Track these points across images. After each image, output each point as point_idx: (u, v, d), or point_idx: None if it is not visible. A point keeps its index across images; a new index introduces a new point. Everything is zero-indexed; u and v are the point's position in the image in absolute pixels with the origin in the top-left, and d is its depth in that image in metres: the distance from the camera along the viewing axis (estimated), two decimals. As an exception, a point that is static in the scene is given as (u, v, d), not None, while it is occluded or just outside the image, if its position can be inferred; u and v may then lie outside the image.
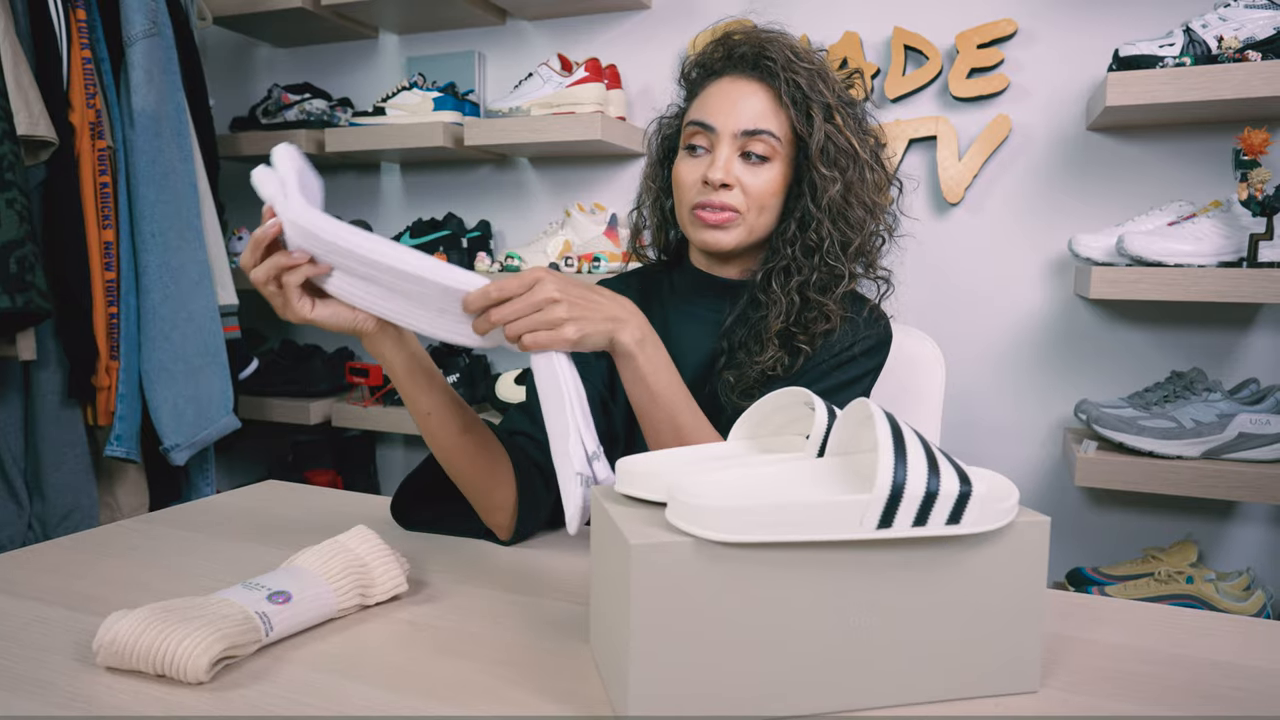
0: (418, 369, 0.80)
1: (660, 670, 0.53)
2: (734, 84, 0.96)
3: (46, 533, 1.66)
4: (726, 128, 0.94)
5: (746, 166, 0.95)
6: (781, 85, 0.93)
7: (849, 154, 0.95)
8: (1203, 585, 1.54)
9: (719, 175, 0.93)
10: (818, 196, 0.95)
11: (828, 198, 0.94)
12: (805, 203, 0.96)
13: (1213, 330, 1.71)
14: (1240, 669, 0.63)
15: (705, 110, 0.97)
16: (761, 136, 0.94)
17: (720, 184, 0.94)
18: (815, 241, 0.96)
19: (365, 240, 0.69)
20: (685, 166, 0.98)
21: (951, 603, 0.57)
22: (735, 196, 0.95)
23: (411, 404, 0.81)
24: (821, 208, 0.95)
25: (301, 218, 0.69)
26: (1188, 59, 1.48)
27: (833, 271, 0.96)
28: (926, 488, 0.54)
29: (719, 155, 0.95)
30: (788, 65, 0.94)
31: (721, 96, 0.96)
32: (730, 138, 0.94)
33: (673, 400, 0.83)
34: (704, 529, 0.52)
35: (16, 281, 1.47)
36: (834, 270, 0.96)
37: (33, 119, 1.53)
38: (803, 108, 0.94)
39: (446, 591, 0.75)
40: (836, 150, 0.95)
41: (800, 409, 0.69)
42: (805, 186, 0.96)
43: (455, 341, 0.74)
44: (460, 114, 2.07)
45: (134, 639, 0.58)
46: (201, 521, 0.95)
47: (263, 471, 2.41)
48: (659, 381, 0.82)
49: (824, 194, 0.94)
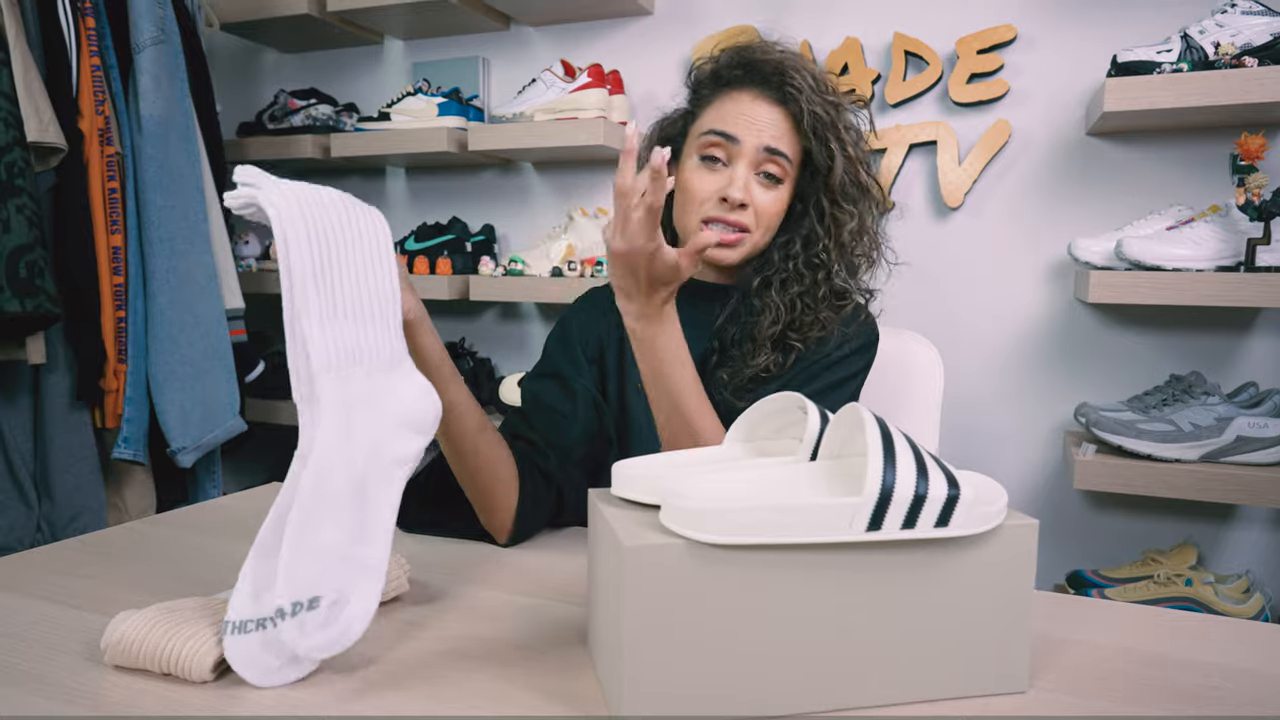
0: (444, 363, 0.79)
1: (655, 670, 0.54)
2: (755, 101, 0.96)
3: (55, 534, 1.68)
4: (749, 142, 0.95)
5: (760, 186, 0.96)
6: (804, 114, 0.94)
7: (861, 186, 0.98)
8: (1202, 588, 1.55)
9: (739, 194, 0.94)
10: (825, 222, 0.97)
11: (844, 231, 0.97)
12: (811, 223, 0.98)
13: (1211, 334, 1.72)
14: (1230, 670, 0.64)
15: (726, 122, 0.96)
16: (778, 158, 0.96)
17: (739, 203, 0.95)
18: (821, 261, 0.98)
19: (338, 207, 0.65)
20: (699, 176, 0.97)
21: (940, 604, 0.58)
22: (748, 215, 0.96)
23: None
24: (832, 235, 0.97)
25: (291, 192, 0.64)
26: (1185, 65, 1.49)
27: (834, 289, 0.99)
28: (915, 491, 0.55)
29: (738, 172, 0.95)
30: (810, 95, 0.94)
31: (742, 111, 0.96)
32: (751, 154, 0.95)
33: (672, 379, 0.85)
34: (696, 531, 0.53)
35: (26, 285, 1.49)
36: (836, 288, 0.99)
37: (42, 125, 1.55)
38: (822, 139, 0.95)
39: (446, 592, 0.76)
40: (851, 183, 0.97)
41: (794, 413, 0.70)
42: (812, 209, 0.98)
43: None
44: (464, 119, 2.09)
45: (141, 638, 0.59)
46: (208, 523, 0.96)
47: (268, 474, 2.44)
48: (656, 358, 0.85)
49: (839, 226, 0.97)
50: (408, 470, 0.66)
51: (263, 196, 0.62)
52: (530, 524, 0.90)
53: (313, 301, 0.62)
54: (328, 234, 0.63)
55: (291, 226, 0.62)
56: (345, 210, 0.66)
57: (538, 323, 2.30)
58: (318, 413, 0.61)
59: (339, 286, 0.63)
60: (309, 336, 0.61)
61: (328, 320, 0.62)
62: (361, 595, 0.60)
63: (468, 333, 2.34)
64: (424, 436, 0.68)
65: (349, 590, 0.60)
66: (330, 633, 0.59)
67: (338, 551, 0.60)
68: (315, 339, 0.61)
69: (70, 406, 1.69)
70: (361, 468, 0.63)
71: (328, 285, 0.63)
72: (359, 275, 0.65)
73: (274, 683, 0.58)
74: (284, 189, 0.63)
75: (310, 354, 0.61)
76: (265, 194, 0.62)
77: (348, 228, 0.65)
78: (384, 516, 0.63)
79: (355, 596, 0.60)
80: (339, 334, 0.63)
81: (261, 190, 0.63)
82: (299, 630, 0.58)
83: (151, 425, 1.77)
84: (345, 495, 0.61)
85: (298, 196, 0.63)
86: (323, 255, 0.63)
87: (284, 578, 0.58)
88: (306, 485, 0.60)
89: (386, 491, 0.64)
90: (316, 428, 0.61)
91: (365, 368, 0.64)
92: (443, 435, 0.83)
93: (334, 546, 0.60)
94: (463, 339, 2.29)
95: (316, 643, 0.58)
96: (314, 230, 0.63)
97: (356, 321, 0.64)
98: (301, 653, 0.58)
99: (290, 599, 0.58)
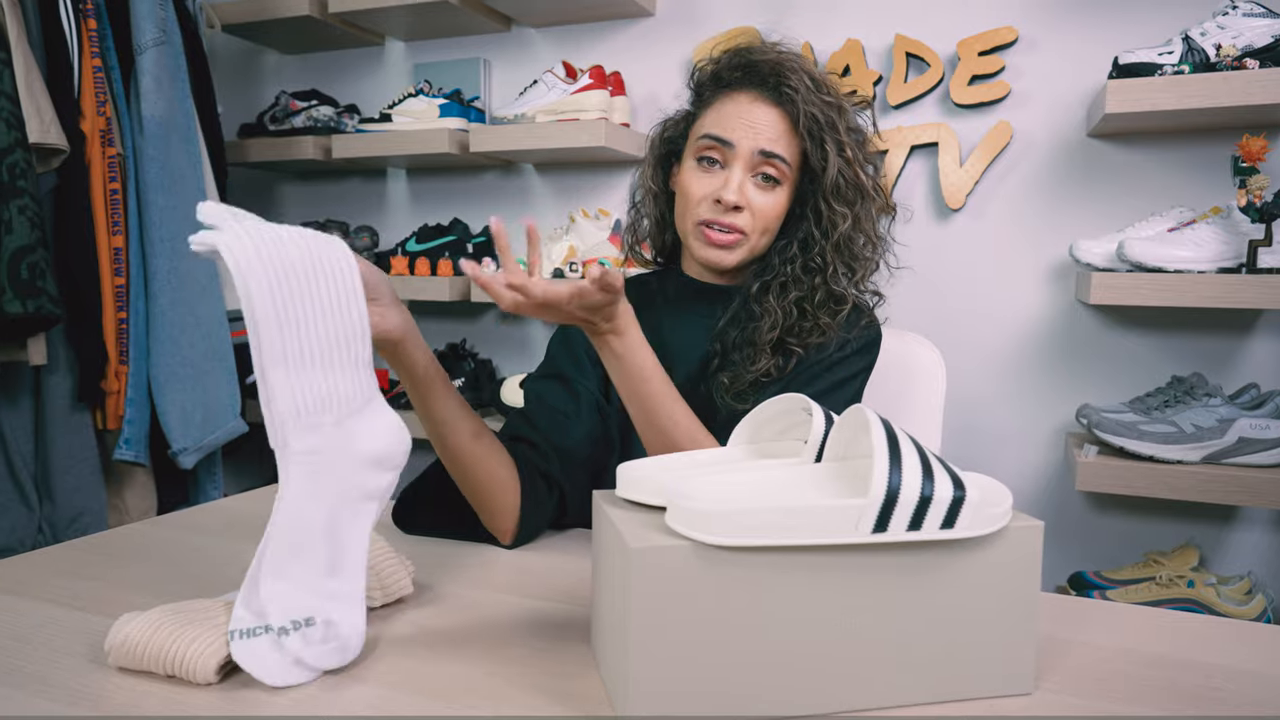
0: (435, 375, 0.79)
1: (660, 671, 0.54)
2: (753, 103, 0.96)
3: (56, 535, 1.68)
4: (744, 146, 0.95)
5: (757, 188, 0.96)
6: (800, 115, 0.94)
7: (858, 188, 0.97)
8: (1204, 589, 1.55)
9: (733, 197, 0.94)
10: (822, 225, 0.97)
11: (838, 233, 0.96)
12: (809, 226, 0.98)
13: (1213, 335, 1.72)
14: (1231, 671, 0.64)
15: (722, 125, 0.96)
16: (775, 161, 0.95)
17: (733, 206, 0.94)
18: (818, 265, 0.97)
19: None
20: (696, 179, 0.97)
21: (946, 605, 0.58)
22: (743, 218, 0.96)
23: (425, 411, 0.81)
24: (828, 238, 0.97)
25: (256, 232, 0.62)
26: (1186, 67, 1.49)
27: (832, 293, 0.98)
28: (921, 492, 0.55)
29: (733, 175, 0.95)
30: (807, 96, 0.94)
31: (740, 114, 0.96)
32: (747, 157, 0.95)
33: (648, 386, 0.85)
34: (702, 533, 0.53)
35: (28, 287, 1.49)
36: (833, 292, 0.98)
37: (44, 127, 1.56)
38: (818, 140, 0.95)
39: (450, 594, 0.76)
40: (847, 185, 0.96)
41: (799, 414, 0.70)
42: (809, 211, 0.98)
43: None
44: (466, 120, 2.09)
45: (145, 640, 0.59)
46: (209, 524, 0.97)
47: (269, 475, 2.43)
48: (632, 363, 0.85)
49: (834, 228, 0.96)
50: (378, 504, 0.67)
51: (222, 243, 0.59)
52: (533, 526, 0.90)
53: (279, 351, 0.61)
54: (290, 279, 0.61)
55: (252, 276, 0.59)
56: (307, 249, 0.63)
57: (539, 324, 2.30)
58: (287, 460, 0.62)
59: (306, 333, 0.62)
60: (276, 387, 0.61)
61: (295, 370, 0.62)
62: (348, 620, 0.62)
63: (469, 334, 2.34)
64: (394, 472, 0.68)
65: (333, 616, 0.61)
66: (331, 646, 0.61)
67: (310, 585, 0.62)
68: (282, 390, 0.61)
69: (71, 408, 1.69)
70: (330, 507, 0.63)
71: (294, 333, 0.61)
72: (326, 318, 0.63)
73: (283, 681, 0.59)
74: (242, 233, 0.60)
75: (279, 406, 0.61)
76: (225, 239, 0.60)
77: (312, 269, 0.62)
78: (355, 550, 0.64)
79: (342, 621, 0.62)
80: (307, 384, 0.62)
81: (222, 235, 0.60)
82: (303, 641, 0.60)
83: (153, 426, 1.77)
84: (317, 535, 0.63)
85: (255, 242, 0.60)
86: (286, 303, 0.61)
87: (272, 604, 0.60)
88: (278, 530, 0.61)
89: (356, 525, 0.65)
90: (287, 475, 0.62)
91: (334, 415, 0.64)
92: (439, 447, 0.83)
93: (307, 580, 0.62)
94: (464, 340, 2.29)
95: (321, 653, 0.60)
96: (276, 277, 0.60)
97: (325, 368, 0.63)
98: (309, 661, 0.60)
99: (288, 618, 0.60)
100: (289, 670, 0.59)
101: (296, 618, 0.60)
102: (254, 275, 0.59)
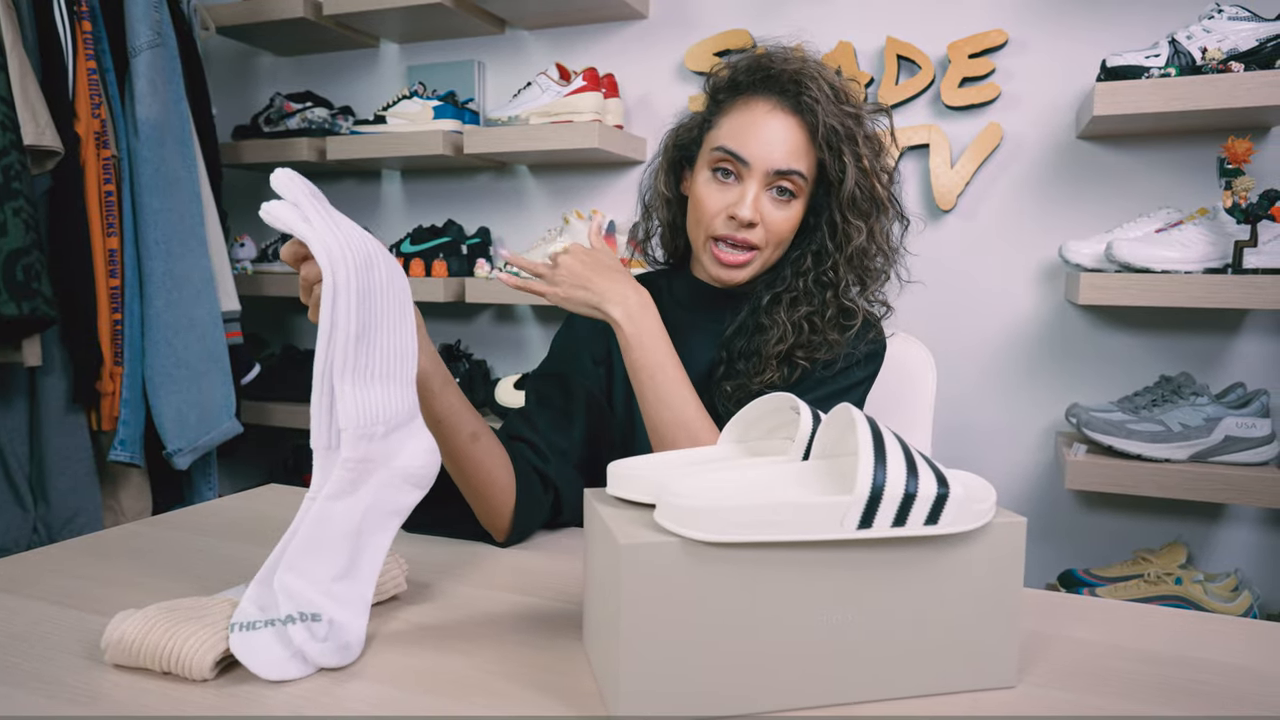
0: (437, 374, 0.79)
1: (650, 667, 0.55)
2: (770, 113, 0.94)
3: (51, 536, 1.68)
4: (759, 164, 0.93)
5: (772, 202, 0.95)
6: (819, 126, 0.92)
7: (874, 200, 0.96)
8: (1191, 586, 1.56)
9: (748, 214, 0.93)
10: (837, 238, 0.96)
11: (852, 246, 0.95)
12: (823, 238, 0.96)
13: (1200, 335, 1.73)
14: (1218, 666, 0.65)
15: (739, 140, 0.94)
16: (792, 176, 0.94)
17: (748, 223, 0.94)
18: (830, 280, 0.96)
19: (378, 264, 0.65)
20: (710, 192, 0.96)
21: (930, 600, 0.59)
22: (757, 233, 0.95)
23: (425, 410, 0.80)
24: (842, 251, 0.96)
25: (328, 236, 0.63)
26: (1173, 70, 1.51)
27: (843, 308, 0.97)
28: (905, 489, 0.56)
29: (748, 190, 0.93)
30: (827, 106, 0.92)
31: (756, 127, 0.94)
32: (762, 174, 0.93)
33: (661, 377, 0.86)
34: (691, 529, 0.54)
35: (23, 289, 1.49)
36: (844, 307, 0.97)
37: (39, 129, 1.56)
38: (836, 151, 0.93)
39: (444, 591, 0.77)
40: (863, 196, 0.95)
41: (787, 413, 0.71)
42: (824, 224, 0.96)
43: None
44: (460, 122, 2.09)
45: (140, 638, 0.59)
46: (204, 524, 0.97)
47: (264, 475, 2.42)
48: (645, 355, 0.86)
49: (849, 241, 0.95)
50: (400, 520, 0.68)
51: (314, 236, 0.61)
52: (527, 525, 0.90)
53: (352, 365, 0.62)
54: (372, 297, 0.63)
55: (344, 279, 0.61)
56: (388, 268, 0.65)
57: (533, 325, 2.30)
58: (330, 462, 0.63)
59: (374, 349, 0.64)
60: (344, 399, 0.62)
61: (360, 382, 0.63)
62: (354, 624, 0.63)
63: (463, 335, 2.35)
64: (422, 490, 0.69)
65: (339, 618, 0.62)
66: (333, 645, 0.61)
67: (323, 585, 0.63)
68: (348, 400, 0.63)
69: (66, 409, 1.69)
70: (361, 515, 0.65)
71: (366, 347, 0.63)
72: (391, 335, 0.65)
73: (278, 675, 0.60)
74: (340, 247, 0.61)
75: (341, 413, 0.63)
76: (324, 246, 0.61)
77: (387, 287, 0.65)
78: (373, 559, 0.66)
79: (348, 624, 0.63)
80: (369, 396, 0.64)
81: (319, 235, 0.61)
82: (308, 634, 0.61)
83: (147, 427, 1.77)
84: (341, 540, 0.64)
85: (355, 259, 0.61)
86: (366, 321, 0.63)
87: (284, 595, 0.61)
88: (307, 527, 0.63)
89: (379, 538, 0.66)
90: (327, 476, 0.63)
91: (385, 426, 0.65)
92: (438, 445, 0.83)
93: (321, 580, 0.63)
94: (458, 341, 2.29)
95: (322, 650, 0.61)
96: (361, 295, 0.62)
97: (385, 382, 0.65)
98: (309, 655, 0.60)
99: (296, 609, 0.61)
100: (285, 664, 0.60)
101: (305, 610, 0.61)
102: (345, 279, 0.61)
